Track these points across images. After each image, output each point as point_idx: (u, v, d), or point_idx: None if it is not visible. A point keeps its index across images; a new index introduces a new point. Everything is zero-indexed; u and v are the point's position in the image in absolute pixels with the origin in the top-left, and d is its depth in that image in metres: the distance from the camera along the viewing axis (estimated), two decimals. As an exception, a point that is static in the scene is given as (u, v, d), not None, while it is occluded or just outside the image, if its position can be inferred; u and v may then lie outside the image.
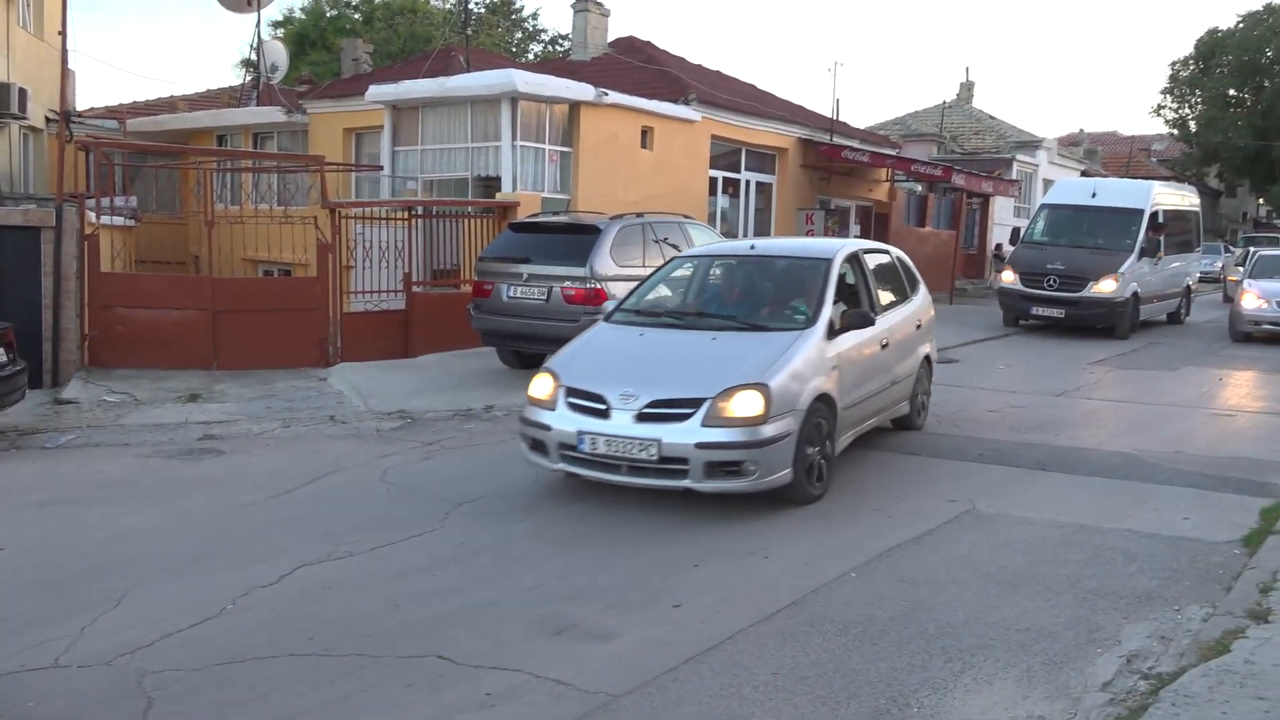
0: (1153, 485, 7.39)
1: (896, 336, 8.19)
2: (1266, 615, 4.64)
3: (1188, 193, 22.25)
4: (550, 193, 16.17)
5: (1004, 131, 35.42)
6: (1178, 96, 53.65)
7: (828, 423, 6.89)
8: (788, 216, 21.68)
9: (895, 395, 8.37)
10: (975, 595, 5.11)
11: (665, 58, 22.02)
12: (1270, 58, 49.53)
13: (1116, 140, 55.29)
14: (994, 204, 30.56)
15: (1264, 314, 17.02)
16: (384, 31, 35.89)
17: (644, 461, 6.29)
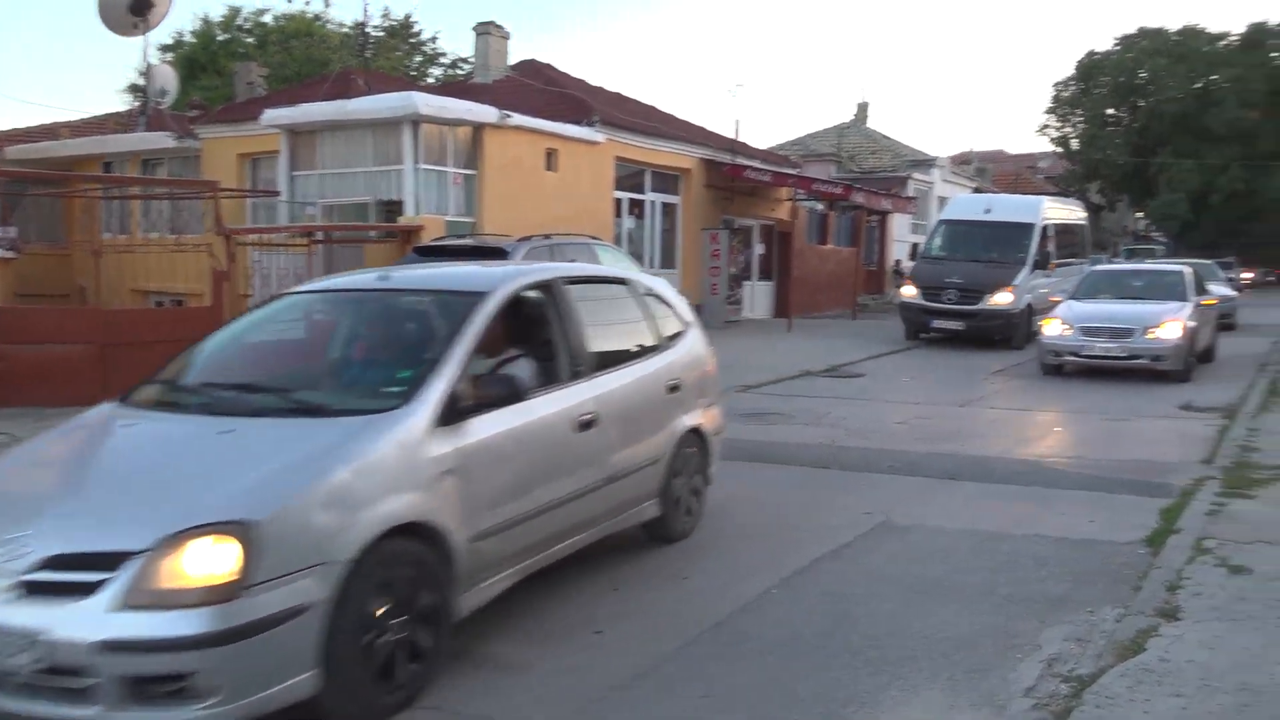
0: (1057, 490, 7.57)
1: (619, 408, 5.46)
2: (1176, 613, 4.75)
3: (1075, 207, 23.14)
4: (455, 216, 15.97)
5: (899, 151, 36.38)
6: (1060, 116, 55.90)
7: (420, 576, 4.08)
8: (693, 236, 21.83)
9: (621, 495, 5.54)
10: (897, 606, 5.12)
11: (567, 80, 22.02)
12: (1144, 79, 52.03)
13: (1005, 158, 57.39)
14: (892, 221, 31.35)
15: (1066, 343, 13.89)
16: (279, 55, 35.15)
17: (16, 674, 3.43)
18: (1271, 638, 4.42)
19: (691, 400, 6.30)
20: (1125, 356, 13.33)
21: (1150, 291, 14.63)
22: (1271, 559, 5.52)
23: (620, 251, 14.28)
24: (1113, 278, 15.90)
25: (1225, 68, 49.26)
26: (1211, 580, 5.18)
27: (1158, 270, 16.32)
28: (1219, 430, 9.78)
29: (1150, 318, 13.45)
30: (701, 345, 6.67)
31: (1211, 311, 15.60)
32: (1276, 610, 4.74)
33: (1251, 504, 6.76)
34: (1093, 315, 13.95)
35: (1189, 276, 14.87)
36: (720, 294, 21.67)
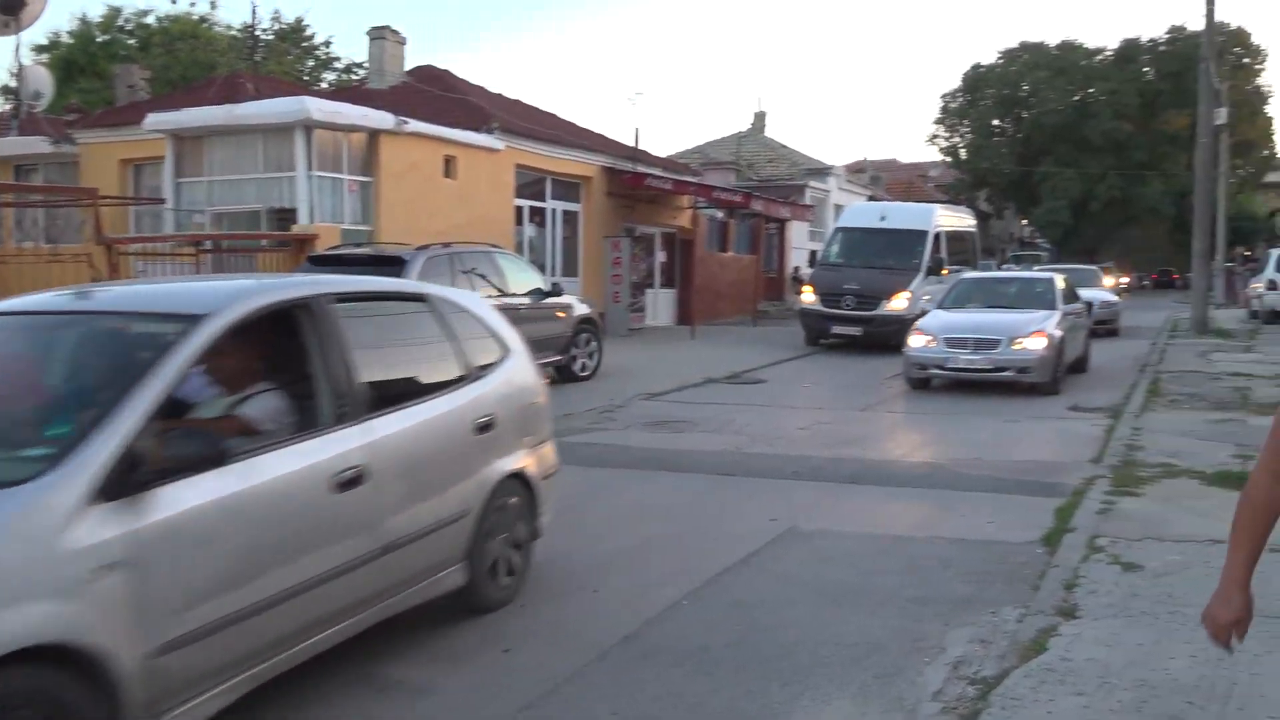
0: (957, 492, 7.72)
1: (401, 457, 4.37)
2: (1074, 611, 4.86)
3: (965, 214, 23.85)
4: (351, 224, 15.62)
5: (796, 159, 37.03)
6: (949, 126, 57.75)
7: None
8: (595, 244, 21.79)
9: (405, 566, 4.42)
10: (806, 613, 5.13)
11: (465, 86, 21.78)
12: (1027, 91, 54.10)
13: (897, 167, 58.91)
14: (790, 228, 31.85)
15: (931, 355, 13.08)
16: (163, 58, 33.94)
17: None
18: (1164, 633, 4.55)
19: (511, 440, 5.22)
20: (990, 369, 12.70)
21: (1019, 300, 14.19)
22: (1160, 555, 5.70)
23: (522, 260, 14.15)
24: (981, 286, 15.32)
25: (1101, 81, 51.58)
26: (1106, 578, 5.33)
27: (1027, 278, 15.86)
28: (1105, 430, 10.13)
29: (1016, 327, 12.83)
30: (528, 373, 5.63)
31: (1083, 319, 15.13)
32: (1167, 606, 4.89)
33: (1139, 501, 7.00)
34: (958, 326, 13.28)
35: (1058, 284, 14.45)
36: (623, 302, 21.66)
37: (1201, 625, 2.51)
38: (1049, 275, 15.52)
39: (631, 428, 10.76)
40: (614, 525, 6.92)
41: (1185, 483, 7.55)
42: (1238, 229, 51.48)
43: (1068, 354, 13.57)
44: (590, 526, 6.89)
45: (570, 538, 6.58)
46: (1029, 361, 12.58)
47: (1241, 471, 7.75)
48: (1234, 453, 8.63)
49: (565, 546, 6.38)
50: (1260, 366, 15.08)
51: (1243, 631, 2.44)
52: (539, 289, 13.01)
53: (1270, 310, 24.15)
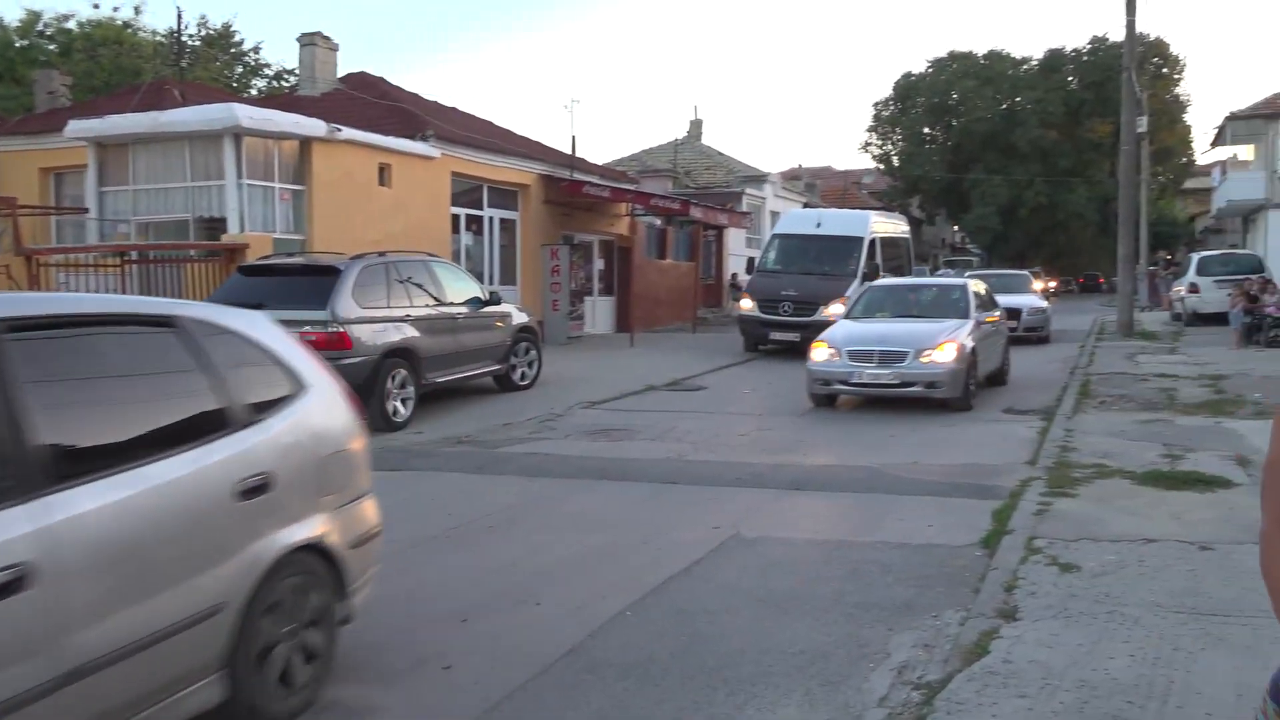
0: (896, 496, 7.77)
1: (102, 543, 3.24)
2: (1014, 613, 4.91)
3: (899, 221, 24.17)
4: (283, 233, 15.32)
5: (732, 167, 37.25)
6: (881, 134, 58.62)
7: None
8: (533, 252, 21.66)
9: (118, 692, 3.27)
10: (750, 622, 5.10)
11: (399, 94, 21.54)
12: (956, 99, 55.13)
13: (832, 174, 59.64)
14: (728, 235, 32.00)
15: (834, 370, 12.01)
16: (85, 64, 33.03)
17: None
18: (1102, 633, 4.61)
19: (299, 503, 4.09)
20: (897, 384, 11.73)
21: (931, 309, 13.30)
22: (1096, 555, 5.79)
23: (459, 269, 13.99)
24: (892, 294, 14.28)
25: (1028, 90, 52.77)
26: (1044, 579, 5.39)
27: (939, 285, 14.77)
28: (1039, 432, 10.30)
29: (924, 339, 11.85)
30: (332, 412, 4.42)
31: (1001, 328, 14.25)
32: (1105, 606, 4.96)
33: (1074, 502, 7.11)
34: (862, 337, 12.22)
35: (971, 291, 13.46)
36: (562, 310, 21.56)
37: (1138, 625, 2.50)
38: (962, 282, 14.35)
39: (572, 436, 10.68)
40: (555, 536, 6.84)
41: (1117, 483, 7.69)
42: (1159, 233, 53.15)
43: (984, 366, 12.79)
44: (531, 537, 6.81)
45: (511, 549, 6.51)
46: (937, 376, 11.60)
47: (1171, 471, 7.94)
48: (1162, 452, 8.82)
49: (507, 558, 6.32)
50: (1184, 368, 15.49)
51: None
52: (477, 298, 12.88)
53: (1192, 312, 24.87)
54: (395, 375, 11.13)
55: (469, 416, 11.98)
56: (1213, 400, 11.81)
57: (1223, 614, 4.80)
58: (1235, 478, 7.71)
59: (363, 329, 10.79)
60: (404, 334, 11.35)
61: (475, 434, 10.89)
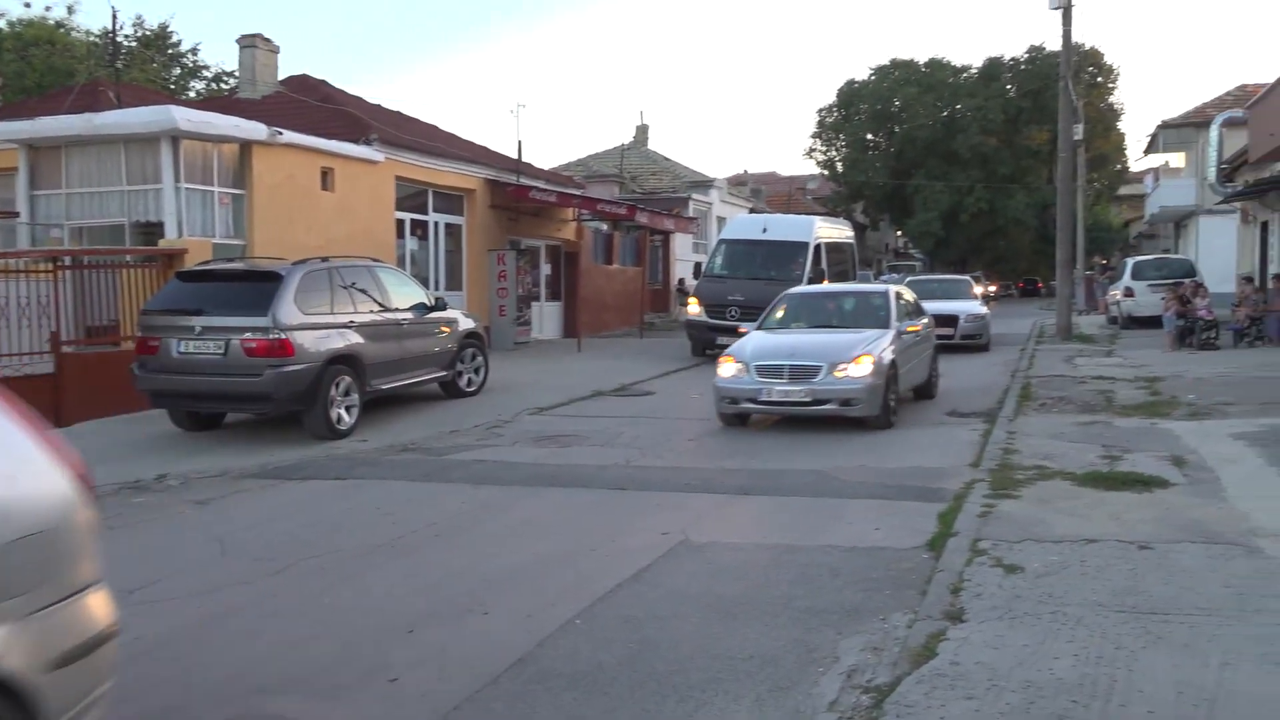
0: (844, 500, 7.82)
1: None
2: (961, 615, 4.95)
3: (843, 226, 24.39)
4: (222, 238, 15.03)
5: (679, 172, 37.35)
6: (825, 140, 59.17)
7: None
8: (479, 257, 21.51)
9: None
10: (699, 628, 5.09)
11: (342, 97, 21.26)
12: (899, 106, 55.85)
13: (777, 180, 60.14)
14: (674, 240, 32.09)
15: (742, 387, 10.99)
16: (15, 64, 32.16)
17: None
18: (1047, 634, 4.66)
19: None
20: (809, 401, 10.71)
21: (851, 318, 12.31)
22: (1039, 556, 5.87)
23: (404, 274, 13.83)
24: (809, 302, 13.12)
25: (968, 98, 53.65)
26: (990, 581, 5.45)
27: (860, 292, 13.46)
28: (982, 435, 10.44)
29: (839, 351, 10.88)
30: (28, 481, 3.10)
31: (927, 337, 13.28)
32: (1049, 606, 5.02)
33: (1017, 504, 7.21)
34: (772, 350, 11.17)
35: (894, 298, 12.42)
36: (508, 315, 21.44)
37: (1081, 625, 2.53)
38: (884, 288, 13.21)
39: (520, 443, 10.61)
40: (503, 543, 6.78)
41: (1058, 484, 7.81)
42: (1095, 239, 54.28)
43: (909, 378, 12.09)
44: (479, 545, 6.74)
45: (459, 557, 6.44)
46: (853, 392, 10.61)
47: (1110, 472, 8.09)
48: (1101, 454, 8.98)
49: (454, 567, 6.24)
50: (1121, 370, 15.82)
51: None
52: (423, 304, 12.75)
53: (1128, 316, 25.45)
54: (339, 382, 10.98)
55: (415, 424, 11.85)
56: (1149, 402, 12.06)
57: (1162, 612, 4.88)
58: (1172, 478, 7.87)
59: (305, 335, 10.62)
60: (348, 340, 11.20)
61: (421, 441, 10.77)
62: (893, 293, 12.65)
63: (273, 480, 9.16)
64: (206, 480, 9.19)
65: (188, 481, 9.15)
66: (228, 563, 6.53)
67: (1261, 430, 9.78)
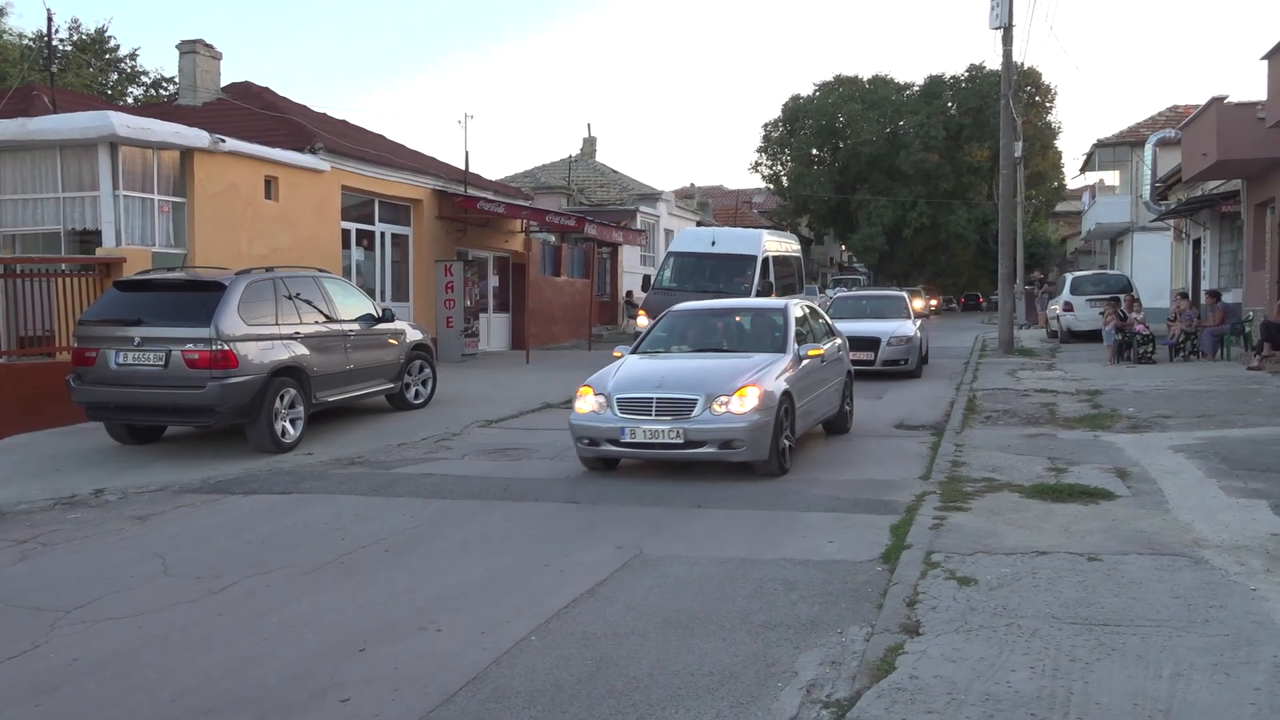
0: (797, 513, 7.82)
1: None
2: (917, 628, 4.96)
3: (790, 240, 24.59)
4: (162, 247, 14.75)
5: (626, 184, 37.42)
6: (771, 154, 59.79)
7: None
8: (426, 268, 21.32)
9: None
10: (657, 644, 5.04)
11: (286, 105, 20.98)
12: (843, 122, 56.62)
13: (723, 193, 60.56)
14: (622, 253, 32.11)
15: (601, 426, 9.02)
16: (-56, 67, 31.29)
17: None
18: (1003, 646, 4.69)
19: None
20: (681, 444, 8.71)
21: (743, 339, 10.62)
22: (992, 568, 5.92)
23: (350, 285, 13.63)
24: (695, 320, 11.00)
25: (910, 115, 54.59)
26: (944, 593, 5.48)
27: (754, 308, 11.60)
28: (931, 447, 10.55)
29: (718, 381, 8.96)
30: None
31: (836, 362, 11.34)
32: (1003, 618, 5.06)
33: (968, 516, 7.28)
34: (638, 380, 9.27)
35: (793, 316, 10.48)
36: (456, 327, 21.27)
37: (1036, 637, 2.53)
38: (783, 303, 11.02)
39: (469, 456, 10.49)
40: (454, 559, 6.68)
41: (1007, 496, 7.91)
42: (1033, 254, 55.45)
43: (812, 413, 10.24)
44: (430, 561, 6.63)
45: (409, 574, 6.33)
46: (735, 432, 8.64)
47: (1056, 484, 8.21)
48: (1048, 466, 9.12)
49: (405, 583, 6.14)
50: (1063, 383, 16.11)
51: None
52: (370, 314, 12.58)
53: (1067, 330, 25.98)
54: (284, 395, 10.79)
55: (362, 437, 11.67)
56: (1091, 415, 12.28)
57: (1114, 624, 4.94)
58: (1116, 490, 8.01)
59: (249, 346, 10.42)
60: (293, 352, 11.01)
61: (368, 455, 10.60)
62: (792, 310, 10.67)
63: (215, 495, 8.95)
64: (146, 495, 8.95)
65: (126, 497, 8.90)
66: (170, 581, 6.35)
67: (1199, 443, 10.01)
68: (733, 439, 8.73)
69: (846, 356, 12.08)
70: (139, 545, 7.26)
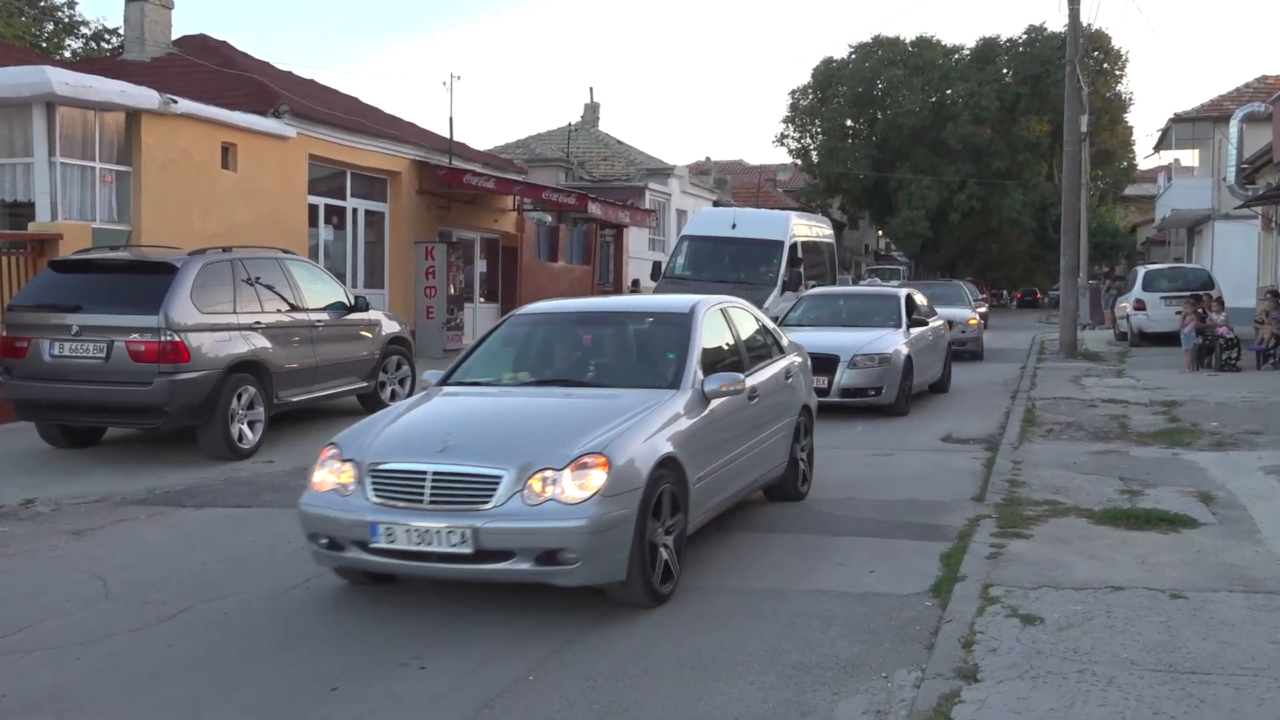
0: (832, 537, 7.79)
1: None
2: (975, 673, 4.92)
3: (822, 224, 24.59)
4: (104, 222, 14.78)
5: (633, 158, 37.39)
6: (799, 126, 59.74)
7: None
8: (404, 250, 21.32)
9: None
10: (673, 686, 5.01)
11: (247, 62, 20.98)
12: (882, 90, 56.54)
13: (744, 169, 60.46)
14: (628, 235, 32.09)
15: (344, 518, 6.06)
16: None
17: None
18: (1075, 695, 4.65)
19: None
20: (469, 555, 5.72)
21: (620, 365, 7.83)
22: (1059, 605, 5.88)
23: (318, 268, 13.63)
24: (551, 329, 8.19)
25: (960, 82, 54.47)
26: (1006, 634, 5.44)
27: (648, 311, 8.61)
28: (984, 464, 10.51)
29: (545, 443, 6.09)
30: None
31: (780, 394, 8.52)
32: (1074, 664, 5.02)
33: (1029, 544, 7.23)
34: (414, 437, 6.51)
35: (700, 320, 7.62)
36: (438, 319, 21.27)
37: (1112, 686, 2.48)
38: (689, 302, 8.08)
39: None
40: (437, 584, 6.65)
41: (1074, 521, 7.87)
42: (1098, 244, 55.36)
43: (726, 484, 7.36)
44: (410, 586, 6.60)
45: (387, 601, 6.30)
46: (562, 536, 5.69)
47: (1130, 509, 8.16)
48: (1120, 488, 9.08)
49: (382, 612, 6.11)
50: (1134, 392, 16.07)
51: None
52: (340, 303, 12.58)
53: (1139, 331, 25.92)
54: (242, 393, 10.81)
55: (330, 443, 11.65)
56: (1168, 429, 12.24)
57: (1203, 672, 4.90)
58: (1200, 516, 7.96)
59: (203, 338, 10.43)
60: (252, 344, 11.01)
61: (338, 464, 10.58)
62: (702, 316, 7.77)
63: (163, 508, 8.94)
64: (84, 507, 8.95)
65: (60, 508, 8.90)
66: (112, 606, 6.33)
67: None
68: (559, 548, 5.74)
69: (802, 381, 9.34)
70: (76, 564, 7.24)
